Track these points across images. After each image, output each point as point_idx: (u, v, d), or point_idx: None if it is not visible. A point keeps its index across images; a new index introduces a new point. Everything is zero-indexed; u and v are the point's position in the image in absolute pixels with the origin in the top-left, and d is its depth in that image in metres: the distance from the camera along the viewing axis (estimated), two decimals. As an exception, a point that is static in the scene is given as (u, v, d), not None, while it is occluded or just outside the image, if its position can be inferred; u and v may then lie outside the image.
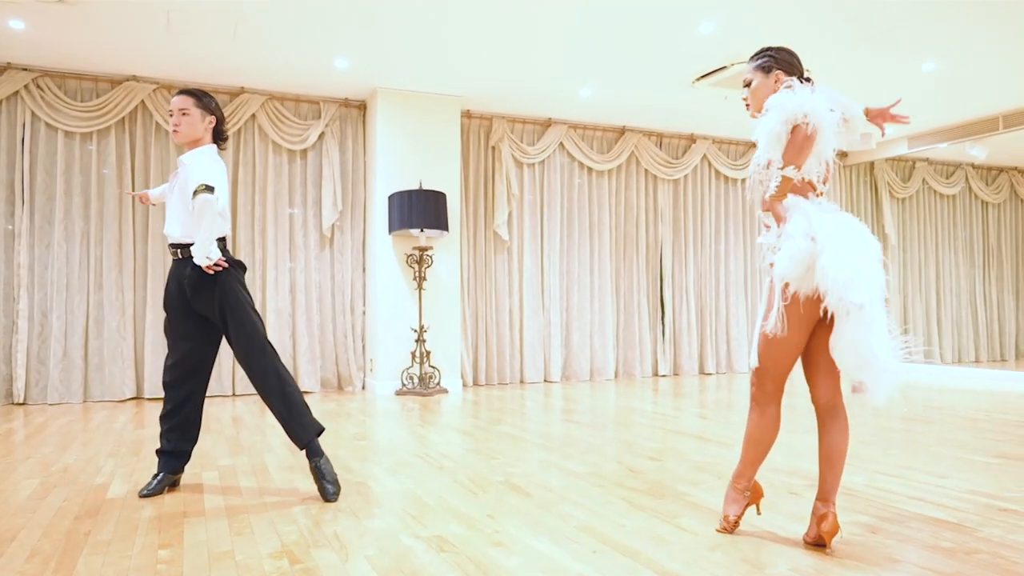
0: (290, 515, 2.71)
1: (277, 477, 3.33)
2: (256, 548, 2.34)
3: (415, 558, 2.25)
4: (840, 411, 2.37)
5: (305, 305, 6.63)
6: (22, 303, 5.75)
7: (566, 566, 2.18)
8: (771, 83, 2.46)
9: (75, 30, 5.13)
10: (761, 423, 2.42)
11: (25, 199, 5.81)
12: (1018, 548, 2.31)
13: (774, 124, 2.29)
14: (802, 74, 2.46)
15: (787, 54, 2.48)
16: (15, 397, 5.71)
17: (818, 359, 2.38)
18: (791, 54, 2.49)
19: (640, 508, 2.79)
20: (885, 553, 2.27)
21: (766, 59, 2.49)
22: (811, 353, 2.39)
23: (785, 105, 2.28)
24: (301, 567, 2.17)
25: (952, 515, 2.67)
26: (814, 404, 2.40)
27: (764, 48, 2.54)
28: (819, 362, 2.38)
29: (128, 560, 2.23)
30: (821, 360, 2.37)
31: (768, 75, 2.47)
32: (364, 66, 5.97)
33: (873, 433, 4.41)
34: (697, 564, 2.18)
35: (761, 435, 2.42)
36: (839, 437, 2.34)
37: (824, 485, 2.32)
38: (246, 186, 6.51)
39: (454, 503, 2.87)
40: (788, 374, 2.40)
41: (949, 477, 3.27)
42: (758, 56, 2.52)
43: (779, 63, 2.46)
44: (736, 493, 2.47)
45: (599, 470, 3.43)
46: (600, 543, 2.38)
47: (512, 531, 2.51)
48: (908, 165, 9.47)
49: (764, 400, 2.41)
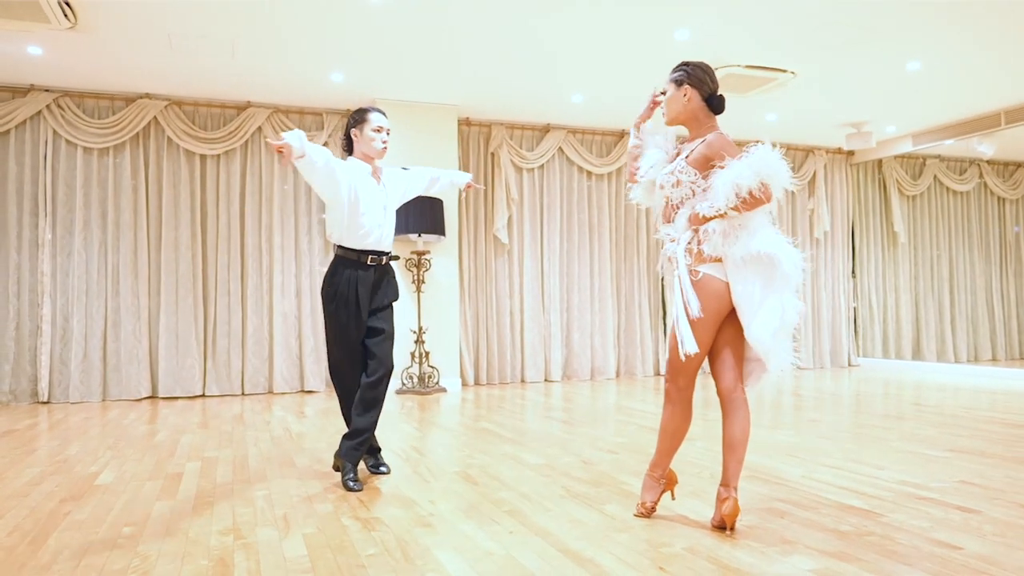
0: (251, 499, 2.97)
1: (253, 468, 3.59)
2: (210, 526, 2.60)
3: (345, 535, 2.48)
4: (741, 401, 2.52)
5: (311, 308, 6.93)
6: (45, 308, 6.16)
7: (478, 543, 2.38)
8: (681, 96, 2.63)
9: (88, 54, 5.51)
10: (675, 416, 2.59)
11: (48, 211, 6.22)
12: (911, 531, 2.45)
13: (743, 179, 2.40)
14: (713, 92, 2.62)
15: (700, 71, 2.64)
16: (40, 396, 6.12)
17: (723, 353, 2.55)
18: (704, 71, 2.64)
19: (573, 495, 2.98)
20: (781, 535, 2.42)
21: (680, 73, 2.66)
22: (716, 347, 2.56)
23: (760, 169, 2.40)
24: (242, 542, 2.42)
25: (868, 503, 2.80)
26: (718, 395, 2.56)
27: (682, 63, 2.70)
28: (724, 355, 2.55)
29: (95, 535, 2.51)
30: (725, 353, 2.54)
31: (679, 88, 2.65)
32: (360, 79, 6.25)
33: (837, 429, 4.51)
34: (599, 544, 2.37)
35: (675, 427, 2.60)
36: (740, 426, 2.50)
37: (726, 471, 2.48)
38: (253, 195, 6.84)
39: (405, 490, 3.10)
40: (698, 370, 2.56)
41: (887, 469, 3.38)
42: (675, 70, 2.69)
43: (690, 78, 2.63)
44: (652, 481, 2.65)
45: (553, 462, 3.62)
46: (520, 525, 2.58)
47: (445, 514, 2.73)
48: (918, 162, 9.41)
49: (677, 395, 2.58)
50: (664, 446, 2.62)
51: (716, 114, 2.62)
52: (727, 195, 2.40)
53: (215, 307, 6.68)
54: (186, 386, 6.52)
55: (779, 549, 2.29)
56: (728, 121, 7.71)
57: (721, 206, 2.42)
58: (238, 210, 6.81)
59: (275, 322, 6.79)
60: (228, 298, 6.73)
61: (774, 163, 2.41)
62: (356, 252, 3.27)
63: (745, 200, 2.39)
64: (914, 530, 2.46)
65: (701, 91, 2.60)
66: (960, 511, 2.68)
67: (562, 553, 2.28)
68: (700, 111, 2.62)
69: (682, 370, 2.55)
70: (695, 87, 2.61)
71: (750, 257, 2.41)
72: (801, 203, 8.98)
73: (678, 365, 2.56)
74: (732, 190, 2.39)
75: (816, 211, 8.96)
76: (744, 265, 2.43)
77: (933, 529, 2.47)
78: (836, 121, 7.78)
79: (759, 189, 2.38)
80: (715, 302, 2.46)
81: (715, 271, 2.46)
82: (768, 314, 2.40)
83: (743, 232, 2.43)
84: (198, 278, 6.65)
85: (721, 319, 2.52)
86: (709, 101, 2.61)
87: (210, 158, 6.75)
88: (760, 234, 2.43)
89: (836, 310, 9.08)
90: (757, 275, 2.42)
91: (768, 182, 2.40)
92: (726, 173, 2.43)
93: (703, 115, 2.62)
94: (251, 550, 2.34)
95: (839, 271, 9.12)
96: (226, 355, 6.69)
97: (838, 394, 6.30)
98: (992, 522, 2.54)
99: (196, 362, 6.58)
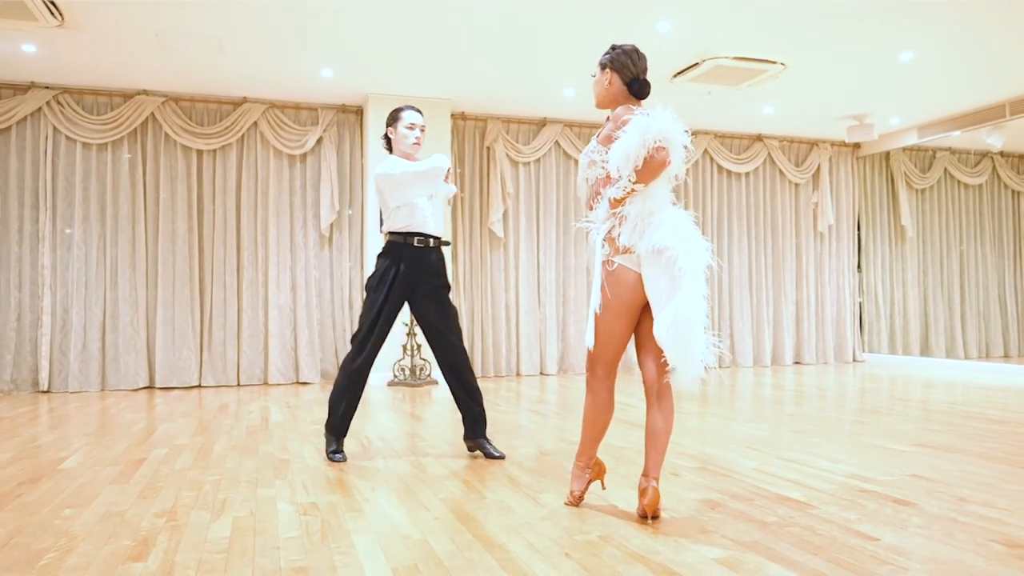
0: (200, 484, 3.04)
1: (215, 455, 3.67)
2: (148, 509, 2.67)
3: (275, 519, 2.53)
4: (665, 393, 2.52)
5: (305, 301, 7.03)
6: (46, 300, 6.34)
7: (400, 529, 2.42)
8: (604, 81, 2.64)
9: (81, 51, 5.64)
10: (595, 405, 2.60)
11: (48, 206, 6.39)
12: (835, 523, 2.43)
13: (631, 146, 2.41)
14: (636, 77, 2.62)
15: (624, 55, 2.64)
16: (40, 385, 6.30)
17: (647, 343, 2.55)
18: (628, 55, 2.63)
19: (514, 484, 3.00)
20: (703, 525, 2.42)
21: (606, 57, 2.66)
22: (640, 337, 2.56)
23: (646, 130, 2.39)
24: (173, 524, 2.49)
25: (807, 495, 2.79)
26: (644, 385, 2.56)
27: (611, 46, 2.70)
28: (648, 346, 2.54)
29: (35, 516, 2.59)
30: (650, 344, 2.53)
31: (603, 72, 2.65)
32: (351, 74, 6.31)
33: (812, 423, 4.47)
34: (518, 531, 2.39)
35: (596, 416, 2.60)
36: (662, 416, 2.50)
37: (647, 461, 2.49)
38: (249, 189, 6.95)
39: (350, 477, 3.15)
40: (618, 360, 2.57)
41: (842, 463, 3.35)
42: (605, 53, 2.70)
43: (613, 62, 2.63)
44: (579, 470, 2.66)
45: (512, 453, 3.64)
46: (448, 512, 2.61)
47: (380, 500, 2.77)
48: (928, 155, 9.22)
49: (596, 384, 2.59)
50: (587, 435, 2.63)
51: (639, 98, 2.62)
52: (621, 165, 2.40)
53: (211, 299, 6.81)
54: (182, 377, 6.66)
55: (694, 539, 2.29)
56: (725, 114, 7.67)
57: (626, 182, 2.40)
58: (234, 204, 6.92)
59: (270, 315, 6.90)
60: (224, 291, 6.85)
61: (662, 125, 2.37)
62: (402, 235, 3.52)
63: (640, 169, 2.37)
64: (839, 522, 2.44)
65: (623, 75, 2.60)
66: (896, 504, 2.65)
67: (477, 539, 2.31)
68: (621, 95, 2.62)
69: (599, 359, 2.55)
70: (616, 71, 2.61)
71: (654, 251, 2.40)
72: (805, 196, 8.87)
73: (594, 355, 2.57)
74: (623, 159, 2.38)
75: (820, 204, 8.84)
76: (650, 259, 2.41)
77: (859, 521, 2.45)
78: (836, 113, 7.66)
79: (653, 152, 2.35)
80: (628, 293, 2.46)
81: (629, 262, 2.46)
82: (668, 310, 2.37)
83: (649, 225, 2.42)
84: (195, 271, 6.78)
85: (636, 310, 2.51)
86: (631, 85, 2.60)
87: (207, 153, 6.87)
88: (664, 228, 2.41)
89: (841, 305, 8.95)
90: (662, 269, 2.40)
91: (662, 145, 2.36)
92: (618, 143, 2.43)
93: (623, 99, 2.62)
94: (177, 531, 2.40)
95: (844, 265, 8.98)
96: (222, 347, 6.81)
97: (831, 389, 6.22)
98: (922, 515, 2.51)
99: (192, 353, 6.72)
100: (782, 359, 8.59)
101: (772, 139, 8.63)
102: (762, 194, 8.67)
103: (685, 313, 2.35)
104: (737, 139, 8.52)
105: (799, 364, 8.63)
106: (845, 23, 5.27)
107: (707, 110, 7.51)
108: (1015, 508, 2.59)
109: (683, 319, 2.35)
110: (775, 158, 8.62)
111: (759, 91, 6.81)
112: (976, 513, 2.53)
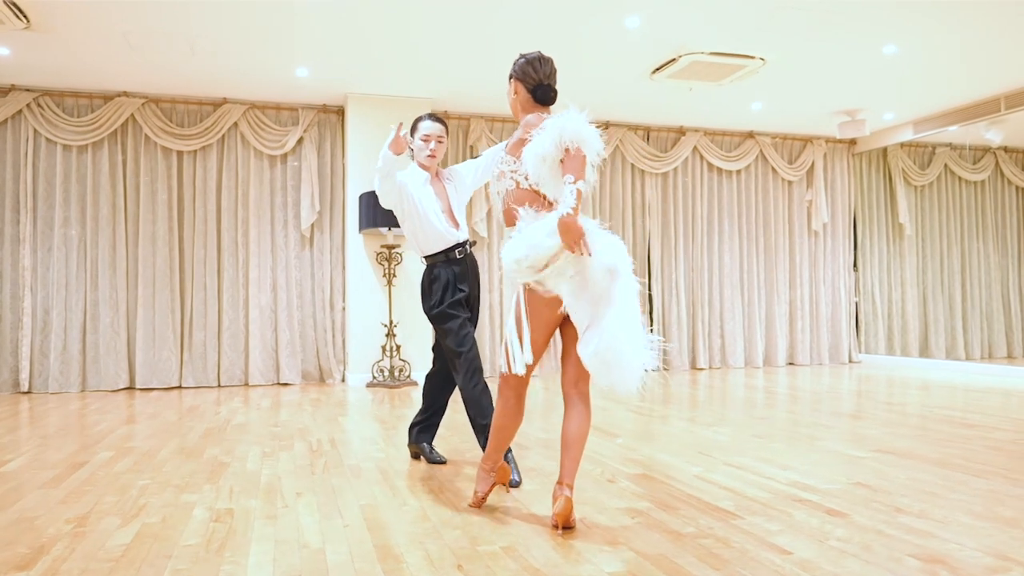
0: (127, 488, 3.01)
1: (159, 458, 3.64)
2: (62, 515, 2.64)
3: (183, 526, 2.49)
4: (581, 400, 2.45)
5: (287, 302, 7.01)
6: (26, 301, 6.37)
7: (303, 537, 2.37)
8: (511, 91, 2.63)
9: (53, 53, 5.66)
10: (505, 412, 2.55)
11: (28, 207, 6.43)
12: (753, 535, 2.34)
13: (545, 147, 2.34)
14: (540, 83, 2.55)
15: (527, 64, 2.58)
16: (21, 386, 6.34)
17: (569, 350, 2.48)
18: (530, 63, 2.57)
19: (445, 489, 2.94)
20: (615, 536, 2.34)
21: (511, 68, 2.62)
22: (563, 342, 2.50)
23: (562, 131, 2.30)
24: (79, 531, 2.45)
25: (738, 504, 2.69)
26: (562, 390, 2.49)
27: (518, 55, 2.64)
28: (569, 352, 2.48)
29: (-52, 521, 2.57)
30: (571, 351, 2.46)
31: (509, 84, 2.63)
32: (328, 74, 6.27)
33: (777, 428, 4.36)
34: (422, 540, 2.33)
35: (505, 423, 2.55)
36: (577, 423, 2.43)
37: (561, 468, 2.41)
38: (230, 190, 6.94)
39: (285, 482, 3.10)
40: (532, 370, 2.50)
41: (790, 470, 3.24)
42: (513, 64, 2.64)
43: (515, 73, 2.58)
44: (484, 473, 2.63)
45: (458, 456, 3.58)
46: (362, 519, 2.55)
47: (298, 507, 2.72)
48: (927, 151, 9.01)
49: (508, 392, 2.54)
50: (494, 441, 2.59)
51: (545, 105, 2.56)
52: (535, 166, 2.33)
53: (191, 300, 6.82)
54: (163, 378, 6.68)
55: (598, 551, 2.21)
56: (712, 111, 7.54)
57: (570, 187, 2.29)
58: (215, 205, 6.92)
59: (251, 315, 6.89)
60: (205, 292, 6.85)
61: (577, 127, 2.29)
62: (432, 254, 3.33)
63: (566, 167, 2.29)
64: (758, 533, 2.35)
65: (526, 83, 2.57)
66: (827, 514, 2.55)
67: (376, 548, 2.25)
68: (527, 103, 2.59)
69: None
70: (520, 80, 2.58)
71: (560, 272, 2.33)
72: (799, 194, 8.71)
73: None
74: (537, 160, 2.31)
75: (814, 202, 8.67)
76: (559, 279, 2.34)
77: (779, 533, 2.35)
78: (826, 109, 7.50)
79: (566, 155, 2.27)
80: (547, 311, 2.41)
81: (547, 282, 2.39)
82: (591, 334, 2.29)
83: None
84: (175, 272, 6.79)
85: (555, 325, 2.47)
86: (535, 92, 2.55)
87: (187, 154, 6.87)
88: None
89: (836, 305, 8.78)
90: (576, 287, 2.32)
91: (576, 147, 2.27)
92: (530, 145, 2.36)
93: (531, 107, 2.58)
94: (78, 539, 2.37)
95: (839, 264, 8.81)
96: (202, 348, 6.82)
97: (814, 391, 6.08)
98: (849, 526, 2.41)
99: (173, 354, 6.73)
100: (774, 360, 8.44)
101: (764, 136, 8.48)
102: (754, 192, 8.52)
103: (608, 339, 2.26)
104: (728, 136, 8.38)
105: (793, 365, 8.48)
106: (820, 16, 5.14)
107: (693, 107, 7.39)
108: (949, 520, 2.48)
109: (606, 345, 2.26)
110: (767, 155, 8.47)
111: (743, 87, 6.68)
112: (906, 525, 2.43)
